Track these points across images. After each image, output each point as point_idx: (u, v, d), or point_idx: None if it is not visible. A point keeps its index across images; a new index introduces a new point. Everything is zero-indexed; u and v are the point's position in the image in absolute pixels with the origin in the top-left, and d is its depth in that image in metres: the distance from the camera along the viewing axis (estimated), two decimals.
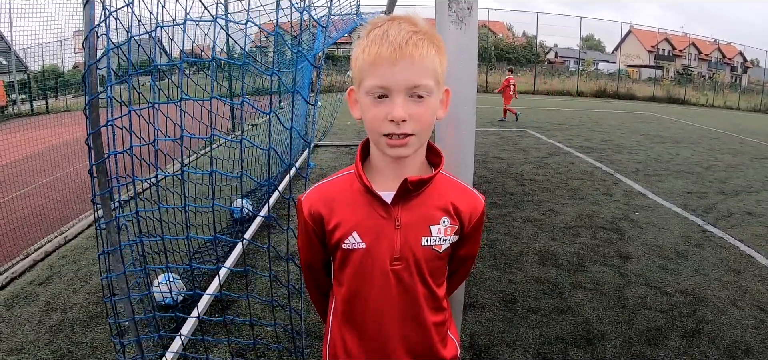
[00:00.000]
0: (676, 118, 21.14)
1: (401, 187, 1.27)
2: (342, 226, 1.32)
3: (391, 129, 1.19)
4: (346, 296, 1.39)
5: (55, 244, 4.94)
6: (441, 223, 1.33)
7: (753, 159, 11.11)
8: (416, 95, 1.19)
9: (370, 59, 1.18)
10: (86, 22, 1.94)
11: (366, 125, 1.26)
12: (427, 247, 1.32)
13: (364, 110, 1.24)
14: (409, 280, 1.33)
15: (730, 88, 41.12)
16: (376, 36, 1.18)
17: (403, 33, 1.16)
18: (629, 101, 31.36)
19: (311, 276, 1.55)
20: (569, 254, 4.91)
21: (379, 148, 1.27)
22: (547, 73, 40.01)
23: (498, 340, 3.43)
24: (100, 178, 2.23)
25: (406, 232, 1.31)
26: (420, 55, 1.16)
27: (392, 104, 1.18)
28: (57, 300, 3.87)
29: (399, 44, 1.15)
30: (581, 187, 7.69)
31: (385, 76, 1.17)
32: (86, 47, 1.96)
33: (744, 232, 5.80)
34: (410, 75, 1.17)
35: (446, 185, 1.37)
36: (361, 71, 1.22)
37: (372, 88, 1.19)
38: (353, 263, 1.34)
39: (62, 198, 6.41)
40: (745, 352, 3.36)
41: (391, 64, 1.15)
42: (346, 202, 1.33)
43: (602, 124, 16.83)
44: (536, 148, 11.10)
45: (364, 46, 1.20)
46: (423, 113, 1.20)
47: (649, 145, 12.39)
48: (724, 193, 7.71)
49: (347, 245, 1.32)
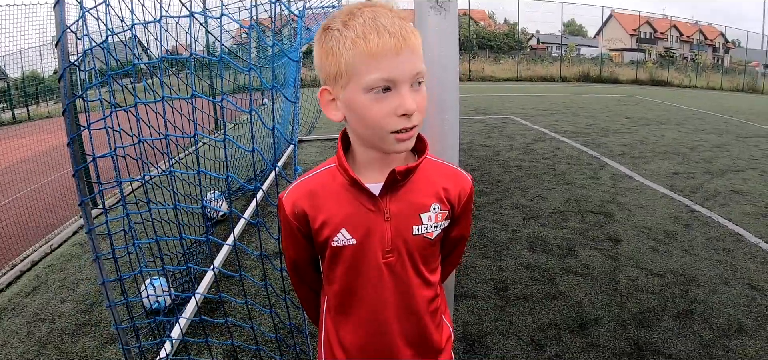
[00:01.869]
0: (660, 100, 21.28)
1: (389, 178, 1.23)
2: (329, 223, 1.28)
3: (403, 124, 1.13)
4: (339, 292, 1.35)
5: (41, 253, 4.87)
6: (431, 209, 1.30)
7: (738, 138, 11.20)
8: (416, 83, 1.15)
9: (368, 51, 1.09)
10: (58, 23, 1.89)
11: (364, 125, 1.18)
12: (418, 236, 1.29)
13: (363, 108, 1.14)
14: (402, 271, 1.30)
15: (713, 69, 41.43)
16: (367, 26, 1.10)
17: (396, 21, 1.11)
18: (613, 85, 31.54)
19: (298, 275, 1.51)
20: (559, 239, 4.91)
21: (382, 145, 1.20)
22: (530, 60, 40.10)
23: (491, 329, 3.42)
24: (81, 183, 2.18)
25: (397, 223, 1.27)
26: (416, 41, 1.13)
27: (400, 97, 1.12)
28: (45, 310, 3.80)
29: (401, 34, 1.09)
30: (568, 171, 7.71)
31: (389, 67, 1.10)
32: (59, 49, 1.90)
33: (732, 211, 5.85)
34: (413, 64, 1.12)
35: (432, 169, 1.34)
36: (354, 66, 1.12)
37: (375, 82, 1.11)
38: (344, 260, 1.30)
39: (46, 206, 6.33)
40: (738, 330, 3.38)
41: (396, 54, 1.09)
42: (330, 198, 1.28)
43: (587, 108, 16.89)
44: (522, 135, 11.11)
45: (352, 38, 1.10)
46: (423, 102, 1.17)
47: (634, 127, 12.45)
48: (711, 173, 7.77)
49: (337, 242, 1.28)
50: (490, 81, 32.56)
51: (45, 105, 18.12)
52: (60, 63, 1.92)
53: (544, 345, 3.25)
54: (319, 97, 1.24)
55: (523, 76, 34.63)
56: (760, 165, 8.49)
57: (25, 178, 6.90)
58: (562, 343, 3.26)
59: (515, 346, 3.24)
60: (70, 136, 2.04)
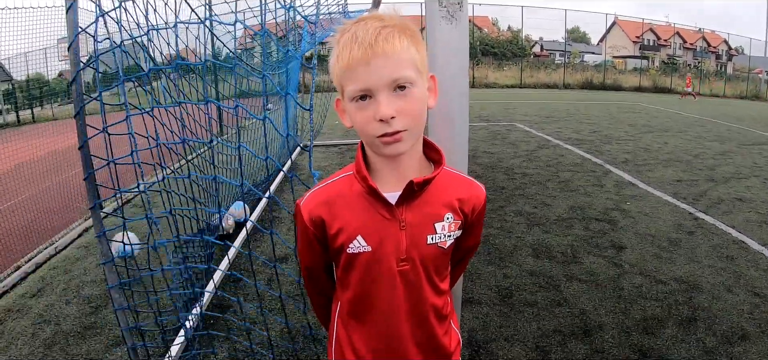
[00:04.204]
0: (662, 107, 21.26)
1: (406, 189, 1.26)
2: (345, 230, 1.30)
3: (383, 129, 1.16)
4: (352, 299, 1.38)
5: (46, 255, 4.89)
6: (445, 219, 1.32)
7: (740, 145, 11.19)
8: (399, 88, 1.16)
9: (344, 65, 1.17)
10: (70, 26, 1.90)
11: (358, 131, 1.24)
12: (432, 245, 1.32)
13: (352, 117, 1.22)
14: (415, 279, 1.33)
15: (716, 76, 41.45)
16: (346, 41, 1.16)
17: (371, 30, 1.15)
18: (616, 92, 31.56)
19: (313, 281, 1.53)
20: (563, 246, 4.91)
21: (375, 150, 1.25)
22: (533, 67, 40.12)
23: (496, 335, 3.42)
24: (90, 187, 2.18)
25: (412, 231, 1.29)
26: (392, 48, 1.14)
27: (377, 103, 1.16)
28: (50, 312, 3.82)
29: (369, 43, 1.13)
30: (572, 179, 7.71)
31: (361, 77, 1.15)
32: (72, 52, 1.91)
33: (735, 219, 5.84)
34: (387, 70, 1.15)
35: (448, 180, 1.36)
36: (340, 79, 1.21)
37: (353, 92, 1.18)
38: (359, 267, 1.33)
39: (51, 208, 6.34)
40: (742, 337, 3.38)
41: (365, 63, 1.14)
42: (347, 205, 1.31)
43: (590, 115, 16.90)
44: (525, 142, 11.12)
45: (337, 54, 1.19)
46: (410, 106, 1.18)
47: (638, 135, 12.44)
48: (714, 180, 7.76)
49: (352, 249, 1.30)
50: (494, 88, 32.61)
51: (49, 108, 18.17)
52: (72, 66, 1.93)
53: (549, 351, 3.25)
54: (335, 106, 1.32)
55: (526, 83, 34.68)
56: (763, 172, 8.48)
57: (30, 180, 6.91)
58: (566, 349, 3.26)
59: (520, 353, 3.24)
60: (82, 140, 2.05)
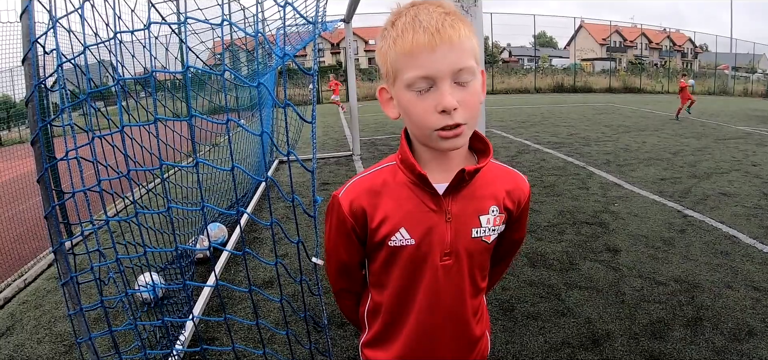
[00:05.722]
0: (635, 106, 21.61)
1: (456, 178, 1.17)
2: (388, 221, 1.22)
3: (444, 121, 1.07)
4: (389, 294, 1.31)
5: (15, 288, 4.57)
6: (490, 212, 1.25)
7: (717, 140, 11.34)
8: (461, 80, 1.07)
9: (405, 49, 1.06)
10: (25, 35, 1.65)
11: (411, 123, 1.15)
12: (476, 239, 1.25)
13: (408, 106, 1.11)
14: (457, 275, 1.26)
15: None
16: (406, 24, 1.07)
17: (435, 16, 1.06)
18: (587, 94, 32.12)
19: (345, 279, 1.43)
20: (558, 253, 4.78)
21: (430, 143, 1.14)
22: (504, 73, 40.63)
23: (503, 352, 3.23)
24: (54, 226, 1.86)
25: (457, 224, 1.22)
26: (458, 35, 1.05)
27: (440, 93, 1.06)
28: (21, 352, 3.51)
29: (436, 28, 1.04)
30: (557, 183, 7.64)
31: (425, 64, 1.05)
32: (27, 65, 1.64)
33: (723, 214, 5.82)
34: (453, 59, 1.05)
35: (493, 171, 1.29)
36: (395, 64, 1.11)
37: (413, 80, 1.07)
38: (401, 261, 1.25)
39: (19, 236, 6.01)
40: (749, 333, 3.30)
41: (431, 50, 1.04)
42: (390, 196, 1.23)
43: (565, 118, 17.06)
44: (505, 148, 11.09)
45: (393, 37, 1.09)
46: (471, 98, 1.09)
47: (615, 135, 12.55)
48: (697, 177, 7.80)
49: (394, 242, 1.23)
50: None
51: (17, 130, 17.75)
52: (28, 81, 1.67)
53: None
54: (378, 95, 1.25)
55: (498, 89, 35.07)
56: (742, 166, 8.58)
57: None
58: None
59: None
60: (41, 169, 1.75)
